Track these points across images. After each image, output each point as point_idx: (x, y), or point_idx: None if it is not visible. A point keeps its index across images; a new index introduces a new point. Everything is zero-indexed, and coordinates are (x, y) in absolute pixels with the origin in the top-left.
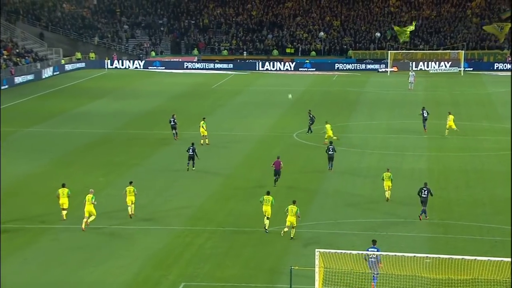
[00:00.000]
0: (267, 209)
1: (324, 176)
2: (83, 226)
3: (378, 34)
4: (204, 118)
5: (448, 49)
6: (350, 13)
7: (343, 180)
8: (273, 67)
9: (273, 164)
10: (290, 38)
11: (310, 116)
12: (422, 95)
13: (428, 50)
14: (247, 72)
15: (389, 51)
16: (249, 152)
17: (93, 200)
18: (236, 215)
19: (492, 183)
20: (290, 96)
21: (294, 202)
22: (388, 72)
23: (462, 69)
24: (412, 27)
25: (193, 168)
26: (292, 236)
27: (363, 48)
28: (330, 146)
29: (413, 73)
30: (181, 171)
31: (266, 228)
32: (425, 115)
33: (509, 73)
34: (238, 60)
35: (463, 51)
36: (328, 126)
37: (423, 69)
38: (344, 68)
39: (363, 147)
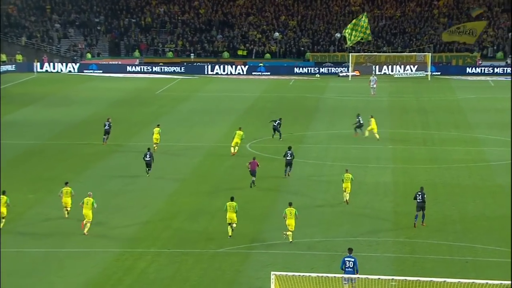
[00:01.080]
0: (231, 216)
1: (281, 190)
2: (85, 230)
3: (338, 35)
4: (158, 125)
5: (414, 52)
6: (308, 12)
7: (301, 195)
8: (224, 70)
9: (249, 164)
10: (242, 39)
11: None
12: (387, 101)
13: (393, 52)
14: (195, 76)
15: (350, 54)
16: (197, 165)
17: (94, 204)
18: (183, 235)
19: (462, 198)
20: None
21: (290, 204)
22: (350, 76)
23: (429, 73)
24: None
25: (148, 175)
26: (291, 240)
27: (322, 50)
28: (288, 152)
29: (375, 77)
30: (121, 186)
31: (230, 235)
32: (361, 121)
33: (479, 78)
34: (185, 63)
35: (430, 54)
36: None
37: (387, 73)
38: (302, 72)
39: (323, 159)
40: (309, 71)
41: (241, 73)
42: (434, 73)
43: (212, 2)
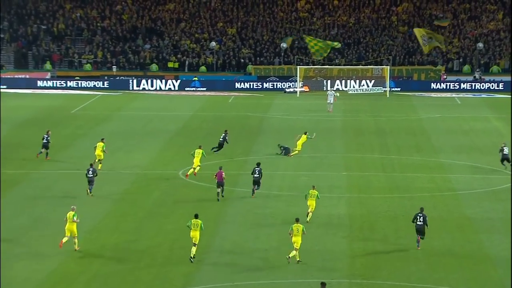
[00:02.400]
0: (195, 234)
1: (220, 224)
2: (76, 247)
3: (284, 45)
4: (102, 139)
5: (370, 65)
6: (249, 18)
7: (242, 230)
8: (152, 85)
9: (215, 175)
10: (173, 49)
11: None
12: (340, 121)
13: (346, 65)
14: (118, 92)
15: (298, 67)
16: (120, 197)
17: (75, 218)
18: (101, 283)
19: (426, 232)
20: (313, 135)
21: (297, 220)
22: (298, 92)
23: (387, 89)
24: (335, 44)
25: (91, 194)
26: (298, 260)
27: (265, 62)
28: (256, 168)
29: (333, 92)
30: (31, 221)
31: (192, 256)
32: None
33: (444, 95)
34: (106, 77)
35: (388, 67)
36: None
37: (341, 88)
38: (243, 88)
39: (268, 188)
40: (251, 87)
41: (172, 88)
42: (393, 89)
43: (137, 6)
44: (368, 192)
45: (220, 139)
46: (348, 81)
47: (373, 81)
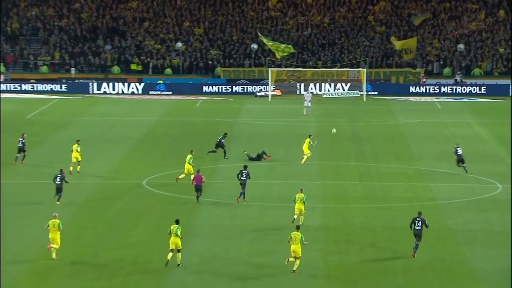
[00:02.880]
0: (176, 240)
1: (187, 237)
2: (54, 255)
3: (255, 46)
4: (78, 141)
5: (346, 67)
6: (217, 17)
7: (210, 244)
8: (114, 89)
9: (193, 179)
10: (137, 50)
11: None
12: (314, 127)
13: (321, 68)
14: (77, 96)
15: (269, 69)
16: (79, 208)
17: (60, 226)
18: None
19: (405, 245)
20: (334, 130)
21: (297, 228)
22: (269, 96)
23: (364, 93)
24: (289, 49)
25: (58, 202)
26: (294, 269)
27: (235, 64)
28: (244, 171)
29: (310, 94)
30: None
31: (169, 259)
32: (253, 156)
33: (424, 99)
34: (64, 80)
35: (365, 70)
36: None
37: (315, 92)
38: (211, 91)
39: (236, 198)
40: (220, 90)
41: (136, 92)
42: (370, 93)
43: (97, 4)
44: (344, 202)
45: (217, 141)
46: (323, 84)
47: (349, 84)
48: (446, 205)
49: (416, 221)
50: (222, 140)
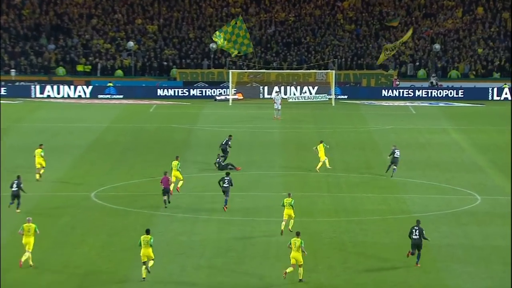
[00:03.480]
0: (148, 252)
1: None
2: (30, 262)
3: (214, 46)
4: (41, 145)
5: (313, 69)
6: (173, 14)
7: (166, 262)
8: (58, 93)
9: (161, 181)
10: (84, 50)
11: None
12: (278, 133)
13: (286, 69)
14: (17, 100)
15: (230, 71)
16: (20, 225)
17: (37, 231)
18: None
19: (378, 262)
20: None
21: (298, 234)
22: (230, 100)
23: (333, 96)
24: (245, 48)
25: (18, 210)
26: (301, 278)
27: (192, 65)
28: (226, 178)
29: (279, 96)
30: None
31: (143, 277)
32: (219, 160)
33: (397, 103)
34: (3, 83)
35: (334, 72)
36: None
37: (280, 99)
38: (166, 95)
39: (196, 211)
40: (176, 94)
41: (83, 95)
42: (339, 97)
43: (40, 0)
44: (311, 216)
45: (222, 143)
46: (288, 87)
47: (316, 87)
48: (421, 218)
49: (414, 230)
50: (229, 142)
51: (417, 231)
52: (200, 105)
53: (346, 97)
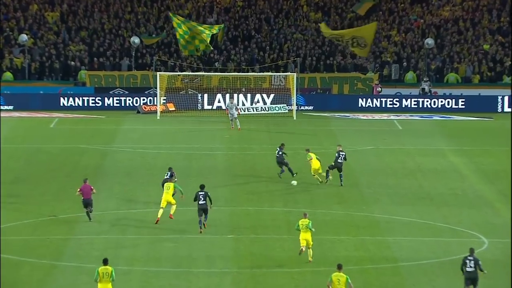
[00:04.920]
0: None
1: None
2: None
3: (136, 41)
4: None
5: (268, 71)
6: (79, 1)
7: None
8: None
9: (80, 190)
10: None
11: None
12: (221, 157)
13: (233, 72)
14: None
15: (158, 73)
16: None
17: None
18: None
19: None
20: (294, 182)
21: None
22: (158, 113)
23: (294, 107)
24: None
25: None
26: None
27: (108, 66)
28: (200, 193)
29: (235, 102)
30: None
31: None
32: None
33: (379, 116)
34: None
35: (294, 75)
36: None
37: (223, 107)
38: (72, 105)
39: (112, 259)
40: (86, 104)
41: None
42: (303, 108)
43: None
44: (267, 265)
45: (277, 155)
46: (235, 95)
47: (272, 95)
48: (410, 268)
49: (467, 261)
50: (282, 152)
51: (472, 261)
52: (118, 119)
53: (311, 108)
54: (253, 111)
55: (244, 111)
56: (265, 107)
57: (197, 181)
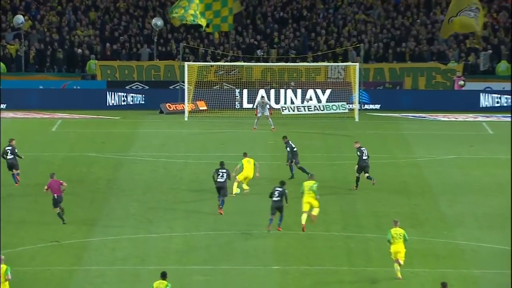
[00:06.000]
0: None
1: None
2: None
3: (158, 23)
4: None
5: (322, 61)
6: None
7: None
8: None
9: (48, 187)
10: None
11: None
12: (266, 170)
13: (279, 62)
14: None
15: (186, 63)
16: None
17: (9, 274)
18: None
19: None
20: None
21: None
22: (186, 113)
23: (356, 106)
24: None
25: None
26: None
27: (123, 55)
28: (221, 170)
29: (266, 100)
30: None
31: None
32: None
33: (463, 117)
34: None
35: (357, 65)
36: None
37: (271, 105)
38: (79, 104)
39: None
40: (97, 102)
41: None
42: (367, 107)
43: None
44: None
45: (289, 149)
46: (282, 91)
47: (328, 91)
48: None
49: (276, 192)
50: (290, 144)
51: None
52: (135, 121)
53: (377, 106)
54: (305, 110)
55: (293, 111)
56: (319, 106)
57: (235, 198)
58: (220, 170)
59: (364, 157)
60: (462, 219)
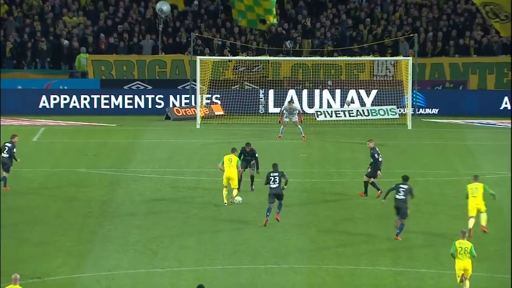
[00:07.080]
0: None
1: None
2: None
3: (163, 8)
4: None
5: (367, 55)
6: None
7: None
8: None
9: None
10: None
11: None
12: (297, 188)
13: (312, 56)
14: None
15: (198, 57)
16: None
17: None
18: None
19: None
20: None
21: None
22: (198, 119)
23: (409, 110)
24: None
25: None
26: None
27: (121, 47)
28: (273, 174)
29: (295, 105)
30: None
31: None
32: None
33: None
34: None
35: (410, 60)
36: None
37: (300, 110)
38: (66, 108)
39: None
40: (88, 105)
41: None
42: (423, 111)
43: None
44: None
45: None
46: (317, 92)
47: (374, 92)
48: None
49: (272, 177)
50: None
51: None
52: (136, 128)
53: (436, 111)
54: (345, 116)
55: (331, 116)
56: (363, 110)
57: (260, 225)
58: (272, 174)
59: (381, 159)
60: None
